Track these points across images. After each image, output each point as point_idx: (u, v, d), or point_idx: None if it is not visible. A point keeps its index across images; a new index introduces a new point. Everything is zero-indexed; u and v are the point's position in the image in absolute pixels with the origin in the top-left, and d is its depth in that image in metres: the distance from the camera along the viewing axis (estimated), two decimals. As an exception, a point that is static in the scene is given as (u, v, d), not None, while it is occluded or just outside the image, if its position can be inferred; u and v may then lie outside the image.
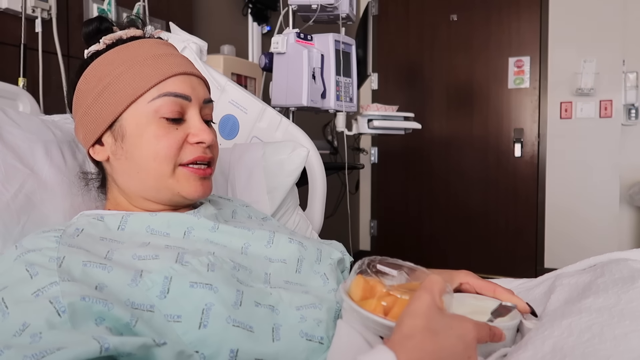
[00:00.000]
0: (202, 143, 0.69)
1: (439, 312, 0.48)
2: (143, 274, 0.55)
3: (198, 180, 0.69)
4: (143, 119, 0.67)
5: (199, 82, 0.72)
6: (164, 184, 0.68)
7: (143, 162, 0.67)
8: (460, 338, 0.47)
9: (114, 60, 0.69)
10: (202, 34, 1.70)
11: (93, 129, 0.69)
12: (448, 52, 3.47)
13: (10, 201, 0.71)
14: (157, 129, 0.66)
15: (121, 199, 0.72)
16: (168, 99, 0.67)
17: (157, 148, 0.66)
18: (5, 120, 0.80)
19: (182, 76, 0.69)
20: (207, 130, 0.69)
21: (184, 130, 0.68)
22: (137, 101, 0.67)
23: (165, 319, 0.52)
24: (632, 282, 0.60)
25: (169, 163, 0.67)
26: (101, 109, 0.68)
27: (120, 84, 0.67)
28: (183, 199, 0.70)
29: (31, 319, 0.45)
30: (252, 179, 1.05)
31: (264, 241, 0.71)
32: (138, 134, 0.67)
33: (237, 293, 0.57)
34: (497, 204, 3.38)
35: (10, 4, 1.38)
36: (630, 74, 3.10)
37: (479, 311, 0.61)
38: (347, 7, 1.59)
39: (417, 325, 0.46)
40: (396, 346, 0.44)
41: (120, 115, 0.67)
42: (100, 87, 0.68)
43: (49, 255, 0.54)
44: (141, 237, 0.65)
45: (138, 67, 0.67)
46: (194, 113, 0.69)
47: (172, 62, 0.70)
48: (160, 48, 0.71)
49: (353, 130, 1.98)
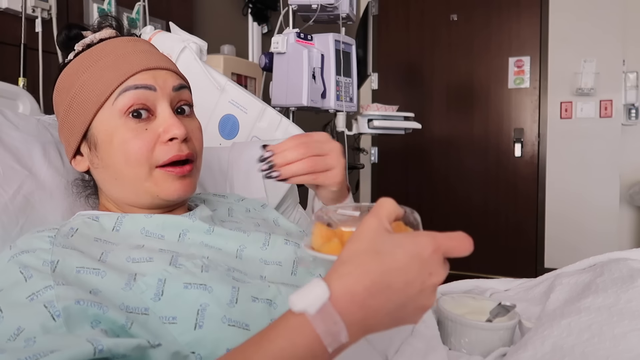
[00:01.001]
0: (175, 139, 0.65)
1: (385, 233, 0.41)
2: (137, 278, 0.55)
3: (177, 180, 0.66)
4: (111, 123, 0.65)
5: (166, 73, 0.68)
6: (142, 188, 0.66)
7: (118, 169, 0.65)
8: (415, 256, 0.39)
9: (78, 69, 0.67)
10: (202, 34, 1.70)
11: (70, 141, 0.69)
12: (448, 52, 3.47)
13: (9, 202, 0.71)
14: (125, 132, 0.64)
15: (110, 205, 0.72)
16: (128, 92, 0.64)
17: (128, 152, 0.64)
18: (3, 122, 0.80)
19: (144, 72, 0.66)
20: (177, 123, 0.64)
21: (154, 129, 0.65)
22: (103, 107, 0.65)
23: (160, 321, 0.52)
24: (632, 281, 0.60)
25: (142, 166, 0.64)
26: (73, 119, 0.67)
27: (85, 93, 0.65)
28: (163, 201, 0.68)
29: (26, 323, 0.45)
30: (251, 177, 1.05)
31: (260, 243, 0.70)
32: (108, 140, 0.65)
33: (232, 290, 0.56)
34: (497, 203, 3.38)
35: (11, 4, 1.38)
36: (630, 74, 3.10)
37: (478, 311, 0.61)
38: (347, 7, 1.59)
39: (358, 248, 0.40)
40: (332, 275, 0.39)
41: (90, 124, 0.66)
42: (69, 98, 0.67)
43: (42, 258, 0.54)
44: (136, 239, 0.64)
45: (101, 72, 0.65)
46: (164, 106, 0.66)
47: (134, 59, 0.66)
48: (126, 46, 0.68)
49: (353, 130, 1.98)
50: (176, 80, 0.69)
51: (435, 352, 0.54)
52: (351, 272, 0.38)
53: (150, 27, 1.28)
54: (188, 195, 0.69)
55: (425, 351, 0.53)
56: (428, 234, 0.41)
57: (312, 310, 0.37)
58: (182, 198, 0.68)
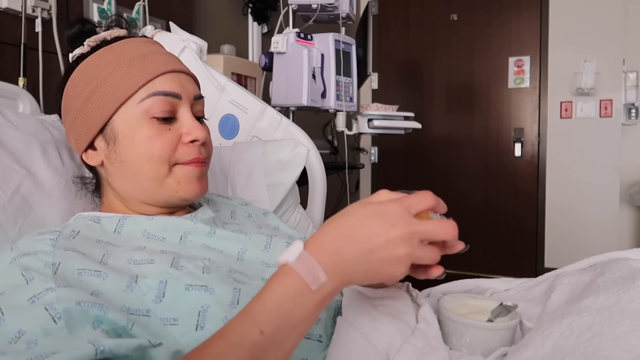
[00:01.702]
0: (196, 141, 0.68)
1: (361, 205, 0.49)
2: (138, 279, 0.55)
3: (196, 180, 0.68)
4: (134, 120, 0.65)
5: (187, 78, 0.71)
6: (161, 185, 0.67)
7: (137, 164, 0.66)
8: (376, 212, 0.47)
9: (100, 63, 0.67)
10: (202, 34, 1.70)
11: (84, 134, 0.68)
12: (448, 51, 3.47)
13: (7, 203, 0.71)
14: (149, 129, 0.65)
15: (116, 203, 0.71)
16: (158, 98, 0.66)
17: (151, 149, 0.65)
18: (2, 122, 0.79)
19: (170, 74, 0.68)
20: (199, 127, 0.68)
21: (176, 130, 0.67)
22: (127, 103, 0.65)
23: (161, 323, 0.52)
24: (633, 281, 0.60)
25: (164, 164, 0.66)
26: (90, 113, 0.66)
27: (108, 87, 0.65)
28: (181, 199, 0.69)
29: (27, 326, 0.45)
30: (252, 177, 1.05)
31: (261, 246, 0.70)
32: (130, 136, 0.65)
33: (233, 291, 0.56)
34: (498, 203, 3.38)
35: (10, 4, 1.38)
36: (630, 74, 3.10)
37: (479, 311, 0.61)
38: (347, 7, 1.59)
39: (333, 218, 0.49)
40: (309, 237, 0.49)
41: (110, 118, 0.66)
42: (87, 91, 0.66)
43: (44, 261, 0.54)
44: (137, 241, 0.64)
45: (125, 68, 0.66)
46: (186, 111, 0.68)
47: (159, 60, 0.68)
48: (146, 47, 0.70)
49: (353, 129, 1.98)
50: (197, 90, 0.72)
51: (436, 352, 0.54)
52: (321, 229, 0.48)
53: (150, 27, 1.28)
54: (202, 195, 0.70)
55: (427, 350, 0.53)
56: (397, 199, 0.49)
57: (292, 259, 0.46)
58: (198, 197, 0.70)
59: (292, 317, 0.45)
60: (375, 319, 0.57)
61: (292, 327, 0.45)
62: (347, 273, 0.46)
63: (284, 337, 0.45)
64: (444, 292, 0.77)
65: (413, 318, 0.59)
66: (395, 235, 0.46)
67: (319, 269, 0.45)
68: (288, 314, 0.45)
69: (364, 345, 0.53)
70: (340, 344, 0.54)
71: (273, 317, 0.44)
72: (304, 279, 0.45)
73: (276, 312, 0.45)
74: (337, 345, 0.54)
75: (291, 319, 0.45)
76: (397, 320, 0.57)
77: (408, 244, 0.46)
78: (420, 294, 0.66)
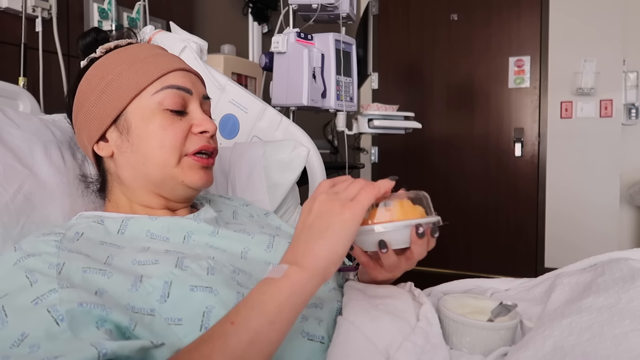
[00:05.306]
0: (206, 132, 0.71)
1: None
2: (143, 279, 0.55)
3: (202, 170, 0.71)
4: (147, 111, 0.68)
5: (196, 79, 0.75)
6: (169, 174, 0.69)
7: (149, 152, 0.68)
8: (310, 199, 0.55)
9: (115, 60, 0.71)
10: (202, 34, 1.70)
11: (97, 125, 0.70)
12: (448, 51, 3.47)
13: (10, 202, 0.71)
14: (162, 119, 0.68)
15: (123, 200, 0.72)
16: (171, 91, 0.69)
17: (164, 138, 0.68)
18: (4, 121, 0.79)
19: (182, 71, 0.72)
20: (210, 120, 0.72)
21: (187, 121, 0.71)
22: (141, 95, 0.69)
23: (166, 322, 0.53)
24: (633, 281, 0.60)
25: (175, 152, 0.68)
26: (105, 104, 0.69)
27: (122, 80, 0.69)
28: (187, 188, 0.71)
29: (30, 329, 0.45)
30: (252, 177, 1.05)
31: (264, 245, 0.71)
32: (143, 125, 0.68)
33: (237, 295, 0.57)
34: (498, 203, 3.38)
35: (11, 4, 1.38)
36: (630, 74, 3.10)
37: (479, 311, 0.61)
38: (347, 7, 1.59)
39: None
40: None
41: (124, 109, 0.69)
42: (102, 84, 0.69)
43: (48, 262, 0.54)
44: (141, 241, 0.65)
45: (139, 64, 0.70)
46: (196, 106, 0.72)
47: (170, 59, 0.73)
48: (157, 49, 0.75)
49: (353, 129, 1.98)
50: (205, 90, 0.76)
51: (437, 350, 0.54)
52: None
53: (150, 27, 1.28)
54: (208, 185, 0.73)
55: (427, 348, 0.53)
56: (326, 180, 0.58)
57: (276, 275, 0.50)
58: (204, 186, 0.72)
59: (263, 308, 0.47)
60: (375, 317, 0.57)
61: (268, 322, 0.46)
62: (306, 252, 0.50)
63: (260, 330, 0.46)
64: (445, 292, 0.77)
65: (414, 317, 0.59)
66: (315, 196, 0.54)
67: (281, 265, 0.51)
68: (255, 303, 0.47)
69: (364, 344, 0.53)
70: (340, 343, 0.54)
71: (240, 307, 0.48)
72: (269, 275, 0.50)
73: (243, 302, 0.48)
74: (337, 344, 0.54)
75: (263, 311, 0.47)
76: (397, 319, 0.57)
77: (326, 192, 0.54)
78: (422, 293, 0.66)
